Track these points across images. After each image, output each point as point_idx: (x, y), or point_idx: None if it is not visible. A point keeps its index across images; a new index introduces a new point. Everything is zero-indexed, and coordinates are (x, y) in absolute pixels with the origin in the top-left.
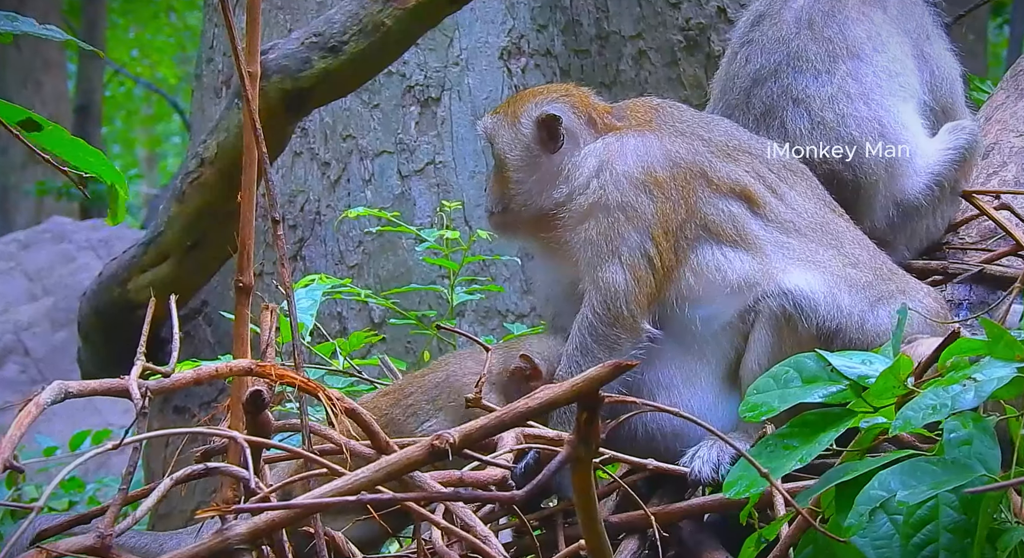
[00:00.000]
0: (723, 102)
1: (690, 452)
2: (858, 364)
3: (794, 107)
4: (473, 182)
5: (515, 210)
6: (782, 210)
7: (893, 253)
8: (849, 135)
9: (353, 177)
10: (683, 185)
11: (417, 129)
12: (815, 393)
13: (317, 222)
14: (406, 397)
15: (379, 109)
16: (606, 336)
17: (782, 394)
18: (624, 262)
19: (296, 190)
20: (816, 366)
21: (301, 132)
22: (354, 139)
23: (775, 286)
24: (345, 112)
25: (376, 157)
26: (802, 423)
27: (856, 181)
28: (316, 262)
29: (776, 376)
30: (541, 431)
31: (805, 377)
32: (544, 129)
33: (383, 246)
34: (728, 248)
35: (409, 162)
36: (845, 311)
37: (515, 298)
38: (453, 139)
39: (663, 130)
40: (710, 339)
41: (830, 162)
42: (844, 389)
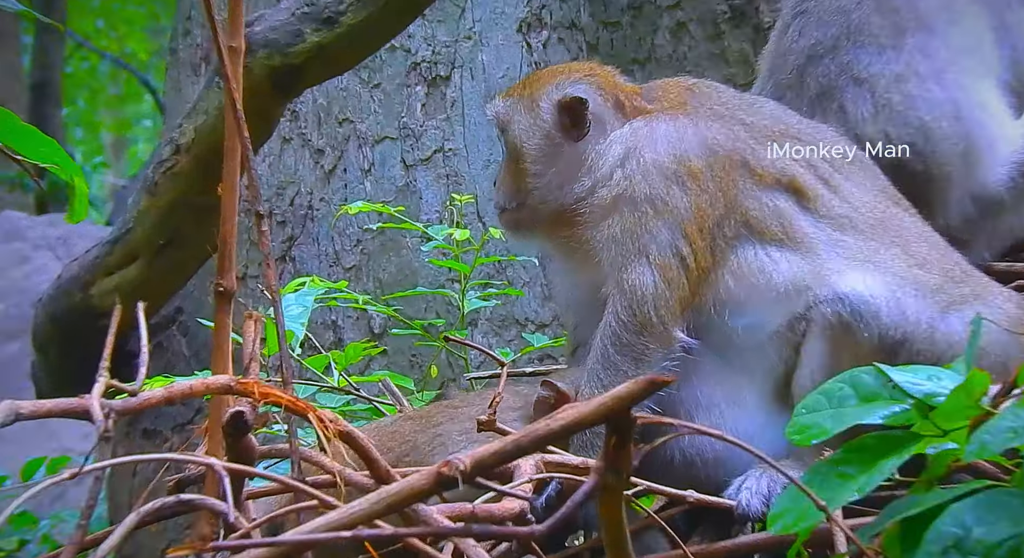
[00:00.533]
0: (772, 82)
1: (736, 482)
2: (924, 380)
3: (855, 87)
4: (487, 173)
5: (532, 206)
6: (837, 204)
7: (970, 254)
8: (919, 119)
9: (350, 167)
10: (721, 176)
11: (424, 112)
12: (874, 413)
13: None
14: (435, 426)
15: (380, 89)
16: (632, 346)
17: (835, 414)
18: (653, 262)
19: (285, 181)
20: (875, 382)
21: (291, 115)
22: (352, 123)
23: (829, 290)
24: (342, 93)
25: (377, 144)
26: (859, 448)
27: (927, 172)
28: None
29: (828, 393)
30: (564, 458)
31: (862, 395)
32: (567, 114)
33: (384, 245)
34: (773, 247)
35: (414, 149)
36: (911, 318)
37: (535, 305)
38: (465, 123)
39: (699, 113)
40: (755, 351)
41: (896, 150)
42: (908, 409)
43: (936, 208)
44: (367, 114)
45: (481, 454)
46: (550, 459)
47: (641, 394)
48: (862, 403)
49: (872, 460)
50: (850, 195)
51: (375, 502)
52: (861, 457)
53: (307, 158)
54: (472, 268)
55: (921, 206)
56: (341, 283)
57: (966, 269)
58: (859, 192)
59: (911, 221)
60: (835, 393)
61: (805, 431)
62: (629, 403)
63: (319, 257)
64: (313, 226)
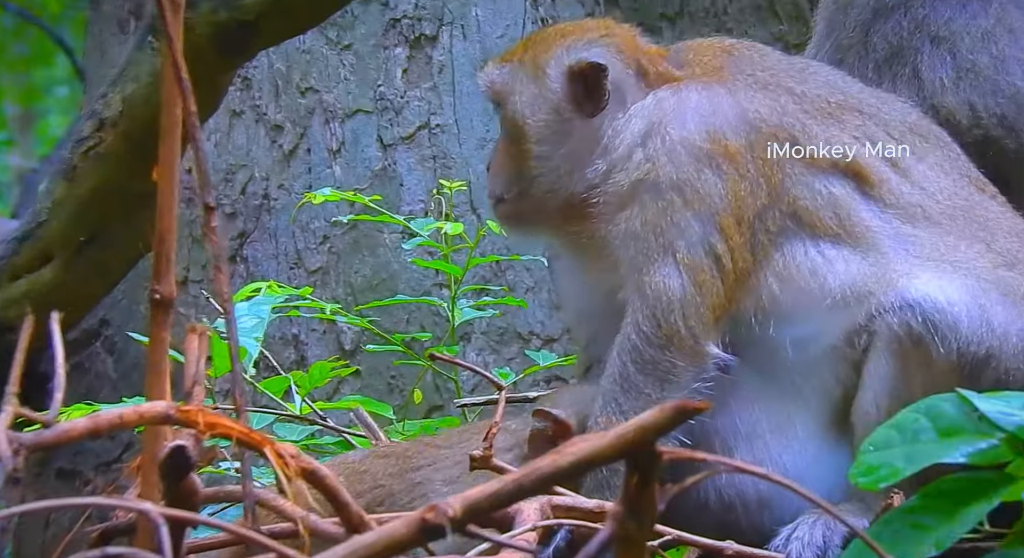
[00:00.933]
0: (831, 42)
1: (785, 531)
2: (1018, 410)
3: (932, 48)
4: (483, 154)
5: (535, 196)
6: (906, 190)
7: None
8: (1011, 85)
9: (316, 146)
10: (764, 157)
11: (405, 80)
12: (956, 451)
13: (265, 209)
14: (413, 469)
15: (351, 51)
16: (656, 364)
17: (909, 452)
18: (681, 262)
19: (236, 164)
20: (957, 412)
21: (242, 83)
22: (316, 93)
23: (896, 296)
24: (304, 56)
25: (347, 119)
26: (938, 493)
27: (1020, 150)
28: (263, 265)
29: (901, 426)
30: (575, 501)
31: (942, 428)
32: (580, 83)
33: (357, 243)
34: (828, 244)
35: (394, 125)
36: (999, 330)
37: (541, 315)
38: (455, 94)
39: (738, 81)
40: (806, 370)
41: (983, 124)
42: (998, 445)
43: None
44: (335, 82)
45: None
46: (558, 502)
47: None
48: (942, 438)
49: (953, 507)
50: (923, 179)
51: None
52: (940, 504)
53: (262, 136)
54: (465, 271)
55: (1012, 192)
56: (305, 289)
57: None
58: (935, 175)
59: (999, 211)
60: (909, 426)
61: (873, 473)
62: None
63: (277, 257)
64: (269, 219)
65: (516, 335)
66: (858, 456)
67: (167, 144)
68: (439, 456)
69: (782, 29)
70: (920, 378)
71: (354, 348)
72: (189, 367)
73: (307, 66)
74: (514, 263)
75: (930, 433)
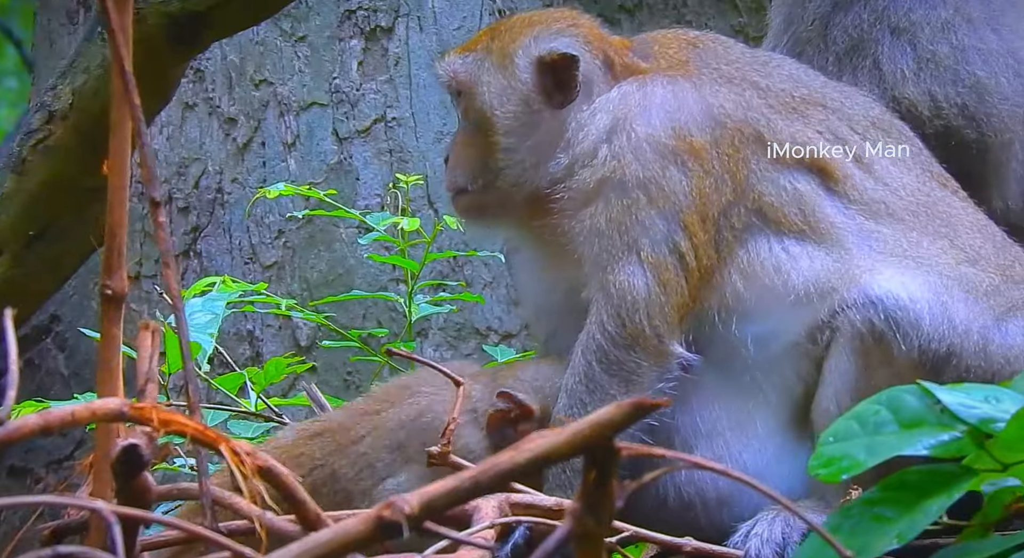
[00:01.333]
0: (789, 35)
1: (744, 528)
2: (979, 402)
3: (892, 39)
4: (440, 147)
5: (501, 189)
6: (870, 186)
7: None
8: (971, 75)
9: (270, 140)
10: (729, 153)
11: (361, 72)
12: (918, 443)
13: (218, 203)
14: (355, 441)
15: (306, 43)
16: (620, 363)
17: (871, 443)
18: (645, 260)
19: (188, 158)
20: (919, 404)
21: (195, 75)
22: (271, 86)
23: (859, 292)
24: (258, 47)
25: (302, 111)
26: (900, 485)
27: (982, 141)
28: (217, 260)
29: (862, 418)
30: (533, 499)
31: (903, 420)
32: (549, 74)
33: (312, 238)
34: (792, 240)
35: (349, 119)
36: (960, 328)
37: (499, 311)
38: (412, 86)
39: (703, 75)
40: (768, 367)
41: (944, 114)
42: (960, 438)
43: (991, 188)
44: (290, 74)
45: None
46: (516, 500)
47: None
48: (903, 430)
49: (915, 500)
50: (887, 175)
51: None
52: (901, 496)
53: (215, 129)
54: (422, 266)
55: (974, 186)
56: (259, 285)
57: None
58: (898, 171)
59: (961, 206)
60: (870, 417)
61: (833, 464)
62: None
63: (231, 252)
64: (223, 213)
65: (473, 331)
66: (819, 447)
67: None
68: (378, 422)
69: (741, 21)
70: (881, 375)
71: (310, 344)
72: (142, 364)
73: (261, 58)
74: (471, 258)
75: (892, 425)
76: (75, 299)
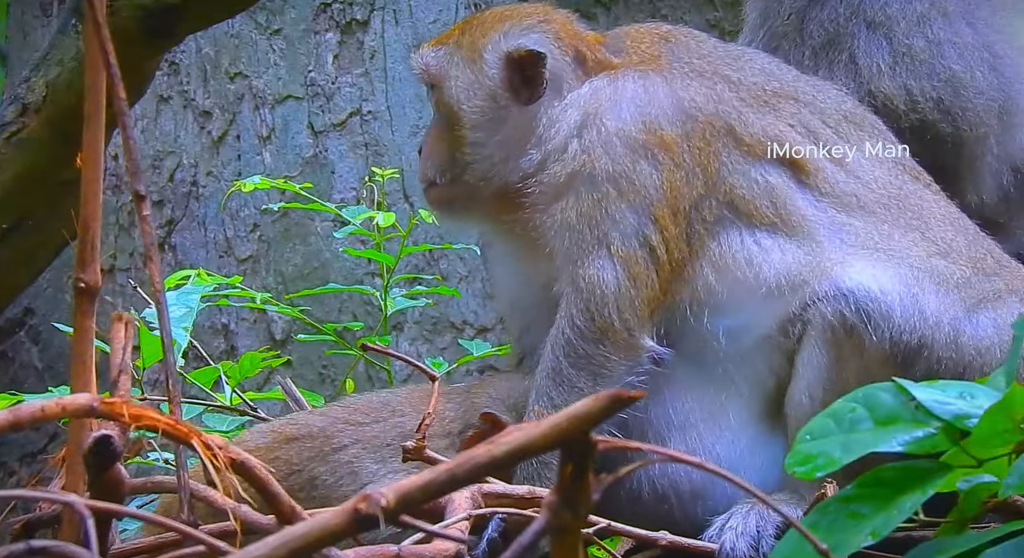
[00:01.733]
0: (765, 30)
1: (718, 521)
2: (954, 399)
3: (868, 33)
4: (415, 141)
5: (469, 183)
6: (842, 179)
7: (1007, 239)
8: (947, 69)
9: (245, 133)
10: (701, 146)
11: (336, 65)
12: (893, 440)
13: (193, 197)
14: (337, 449)
15: (281, 36)
16: (589, 357)
17: (846, 441)
18: (615, 253)
19: (163, 151)
20: (894, 401)
21: (169, 68)
22: (246, 79)
23: (830, 285)
24: (233, 40)
25: (278, 105)
26: (875, 482)
27: (956, 135)
28: (192, 253)
29: (838, 415)
30: (506, 488)
31: (878, 417)
32: (517, 70)
33: (288, 231)
34: (764, 233)
35: (325, 112)
36: (931, 320)
37: (474, 305)
38: (387, 80)
39: (674, 69)
40: (740, 360)
41: (920, 108)
42: (935, 434)
43: (966, 182)
44: (265, 67)
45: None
46: (489, 490)
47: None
48: (878, 427)
49: (891, 497)
50: (859, 168)
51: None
52: (877, 493)
53: (190, 122)
54: (397, 260)
55: (947, 180)
56: (234, 278)
57: (1000, 259)
58: (870, 165)
59: (933, 199)
60: (845, 415)
61: (810, 461)
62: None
63: (206, 245)
64: (198, 207)
65: (449, 325)
66: (795, 445)
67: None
68: (363, 435)
69: (717, 15)
70: (853, 367)
71: (285, 338)
72: (115, 356)
73: (236, 51)
74: (447, 252)
75: (867, 422)
76: (49, 292)
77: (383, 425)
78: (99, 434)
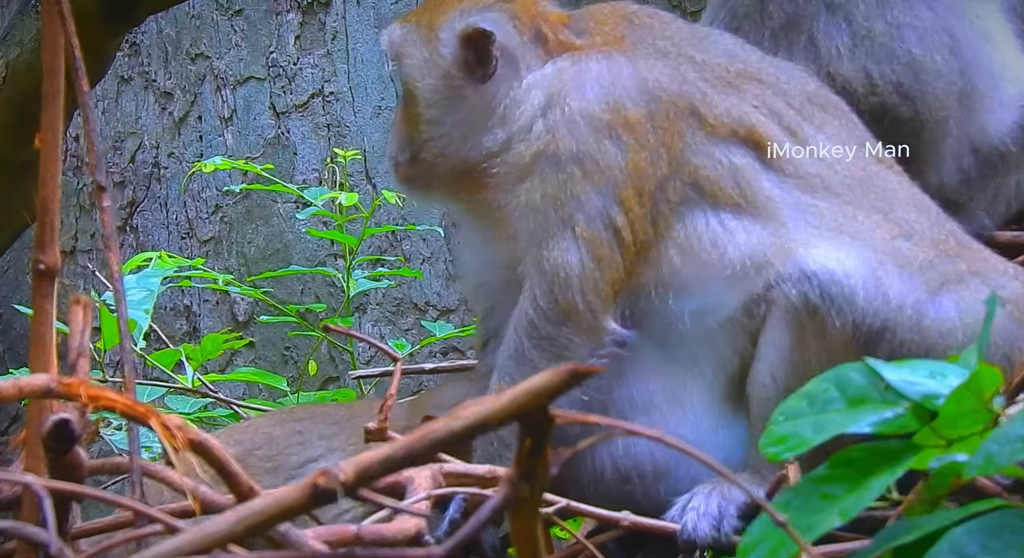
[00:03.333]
0: (726, 10)
1: (680, 502)
2: (925, 378)
3: (828, 15)
4: (378, 122)
5: (428, 161)
6: (806, 160)
7: (969, 220)
8: (906, 52)
9: (206, 114)
10: (665, 127)
11: (298, 46)
12: (863, 420)
13: (155, 178)
14: (296, 419)
15: (243, 17)
16: (552, 339)
17: (818, 421)
18: (580, 235)
19: (124, 132)
20: (864, 382)
21: (130, 49)
22: (207, 60)
23: (794, 266)
24: (194, 21)
25: (239, 86)
26: (845, 462)
27: (916, 118)
28: (153, 234)
29: (811, 396)
30: (467, 468)
31: (849, 397)
32: (470, 49)
33: (250, 212)
34: (728, 214)
35: (287, 93)
36: (894, 302)
37: (437, 286)
38: (350, 60)
39: (638, 49)
40: (704, 342)
41: (879, 91)
42: (904, 414)
43: (927, 164)
44: (226, 48)
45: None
46: (449, 469)
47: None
48: (849, 408)
49: (861, 477)
50: (822, 149)
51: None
52: (847, 473)
53: (151, 103)
54: (360, 241)
55: (909, 162)
56: (196, 260)
57: (963, 240)
58: (834, 146)
59: (896, 181)
60: (819, 395)
61: (784, 442)
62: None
63: (168, 227)
64: (160, 188)
65: (412, 306)
66: (769, 426)
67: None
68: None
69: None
70: (816, 349)
71: (248, 319)
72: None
73: (197, 32)
74: (410, 233)
75: (838, 402)
76: (9, 274)
77: (343, 409)
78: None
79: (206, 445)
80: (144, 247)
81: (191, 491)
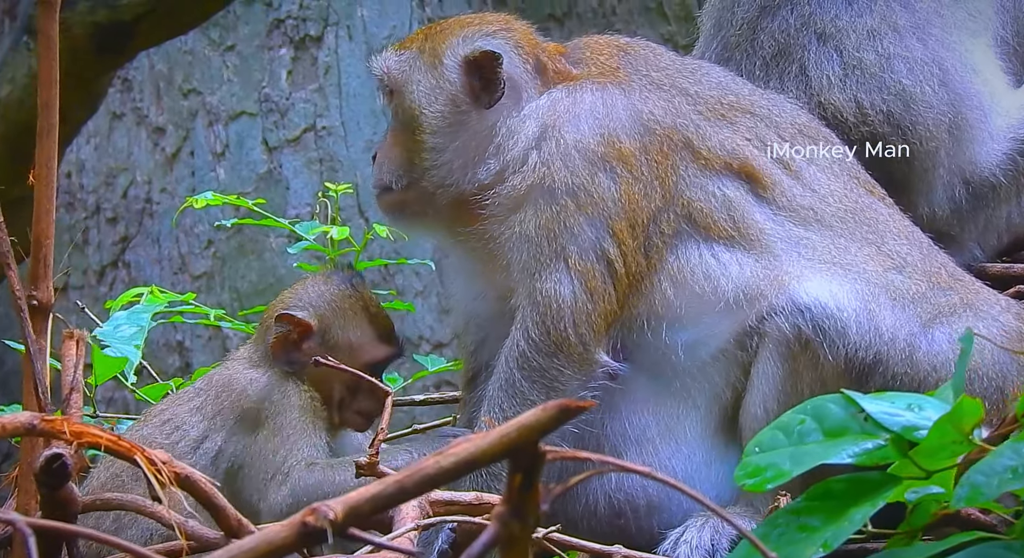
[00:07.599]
0: (719, 40)
1: (673, 535)
2: (903, 410)
3: (819, 45)
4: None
5: (426, 189)
6: (798, 192)
7: (960, 252)
8: (897, 84)
9: (199, 149)
10: (659, 160)
11: (290, 81)
12: (842, 451)
13: (147, 213)
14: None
15: (235, 53)
16: (543, 370)
17: (795, 453)
18: (573, 267)
19: (116, 168)
20: (843, 413)
21: (122, 85)
22: (199, 95)
23: (787, 299)
24: (186, 57)
25: (231, 121)
26: (825, 494)
27: (907, 148)
28: (146, 270)
29: (787, 427)
30: (453, 495)
31: (828, 429)
32: (476, 74)
33: (242, 247)
34: (721, 246)
35: (279, 128)
36: (887, 336)
37: (430, 320)
38: (342, 95)
39: (632, 81)
40: (697, 374)
41: (870, 122)
42: (884, 445)
43: (918, 195)
44: (219, 84)
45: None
46: (436, 497)
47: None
48: (828, 439)
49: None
50: (815, 182)
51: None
52: (827, 506)
53: (144, 138)
54: None
55: (900, 193)
56: (188, 295)
57: (954, 272)
58: (825, 178)
59: (888, 213)
60: (794, 427)
61: (759, 474)
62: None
63: (160, 262)
64: (152, 223)
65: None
66: (744, 457)
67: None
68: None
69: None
70: (808, 381)
71: None
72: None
73: (189, 67)
74: (403, 267)
75: (816, 434)
76: (2, 310)
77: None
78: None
79: (192, 479)
80: (136, 282)
81: (180, 526)
